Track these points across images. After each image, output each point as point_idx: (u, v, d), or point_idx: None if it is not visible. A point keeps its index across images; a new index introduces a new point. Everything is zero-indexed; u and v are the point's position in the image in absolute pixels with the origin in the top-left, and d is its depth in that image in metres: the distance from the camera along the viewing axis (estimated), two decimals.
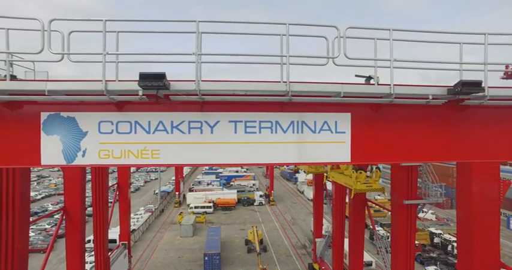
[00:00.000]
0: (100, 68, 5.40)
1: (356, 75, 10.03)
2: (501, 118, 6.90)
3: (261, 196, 63.41)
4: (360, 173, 19.78)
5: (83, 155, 6.08)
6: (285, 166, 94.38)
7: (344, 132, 6.56)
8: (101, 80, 5.47)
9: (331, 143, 6.54)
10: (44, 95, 5.53)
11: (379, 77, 10.36)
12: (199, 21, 5.42)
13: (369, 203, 23.02)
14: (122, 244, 29.13)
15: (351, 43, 5.92)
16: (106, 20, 5.49)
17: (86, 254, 19.84)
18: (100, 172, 20.71)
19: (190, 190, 69.79)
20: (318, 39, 5.99)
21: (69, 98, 5.84)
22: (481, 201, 10.73)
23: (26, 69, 7.42)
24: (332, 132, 6.54)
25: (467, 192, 10.93)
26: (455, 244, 35.75)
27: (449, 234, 38.36)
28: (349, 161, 6.55)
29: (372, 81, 10.41)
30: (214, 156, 6.32)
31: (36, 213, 52.35)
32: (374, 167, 20.31)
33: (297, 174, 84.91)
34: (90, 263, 24.54)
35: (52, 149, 6.06)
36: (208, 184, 77.39)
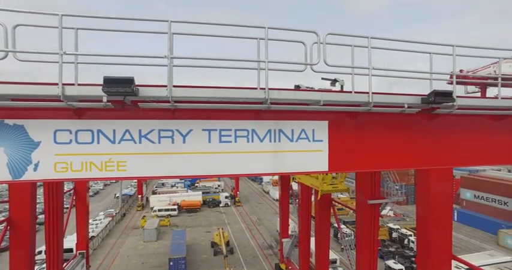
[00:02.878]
0: (55, 67, 4.70)
1: (322, 78, 10.06)
2: (466, 126, 7.19)
3: (226, 197, 62.74)
4: (326, 174, 20.17)
5: (35, 169, 5.33)
6: None
7: (321, 141, 6.42)
8: (57, 84, 4.80)
9: (308, 152, 6.36)
10: None
11: (343, 80, 10.47)
12: (171, 22, 4.95)
13: (333, 202, 23.56)
14: (79, 253, 27.21)
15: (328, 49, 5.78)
16: (62, 15, 4.82)
17: (36, 267, 18.14)
18: None
19: (154, 192, 67.27)
20: (284, 44, 5.77)
21: (16, 103, 5.07)
22: (438, 200, 11.39)
23: None
24: (309, 141, 6.37)
25: (426, 191, 11.57)
26: (411, 238, 38.05)
27: (405, 228, 40.65)
28: (327, 170, 6.42)
29: (337, 84, 10.53)
30: (186, 168, 5.85)
31: None
32: None
33: None
34: None
35: None
36: (172, 186, 75.08)
